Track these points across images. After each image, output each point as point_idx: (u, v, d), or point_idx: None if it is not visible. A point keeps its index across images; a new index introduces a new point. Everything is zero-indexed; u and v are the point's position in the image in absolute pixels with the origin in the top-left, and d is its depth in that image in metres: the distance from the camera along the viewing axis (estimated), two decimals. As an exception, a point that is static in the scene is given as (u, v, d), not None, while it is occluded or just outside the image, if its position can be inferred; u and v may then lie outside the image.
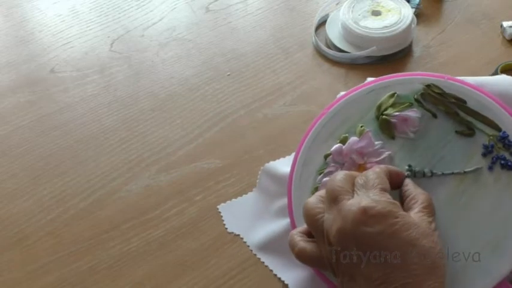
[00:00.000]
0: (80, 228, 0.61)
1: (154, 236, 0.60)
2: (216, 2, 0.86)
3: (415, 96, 0.55)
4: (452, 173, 0.53)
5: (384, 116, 0.55)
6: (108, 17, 0.85)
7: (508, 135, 0.53)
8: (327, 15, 0.82)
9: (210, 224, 0.61)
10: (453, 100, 0.55)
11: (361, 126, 0.56)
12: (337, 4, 0.83)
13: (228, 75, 0.76)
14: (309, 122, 0.68)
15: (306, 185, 0.56)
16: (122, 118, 0.71)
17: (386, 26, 0.76)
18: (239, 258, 0.58)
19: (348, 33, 0.77)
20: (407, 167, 0.53)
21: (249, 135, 0.69)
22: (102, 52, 0.80)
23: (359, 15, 0.78)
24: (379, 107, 0.56)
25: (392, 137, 0.55)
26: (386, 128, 0.55)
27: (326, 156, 0.56)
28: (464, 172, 0.53)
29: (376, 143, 0.55)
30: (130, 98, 0.74)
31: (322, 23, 0.82)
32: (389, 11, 0.78)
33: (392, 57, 0.76)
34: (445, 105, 0.55)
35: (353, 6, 0.79)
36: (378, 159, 0.54)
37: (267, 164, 0.63)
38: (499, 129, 0.53)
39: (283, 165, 0.62)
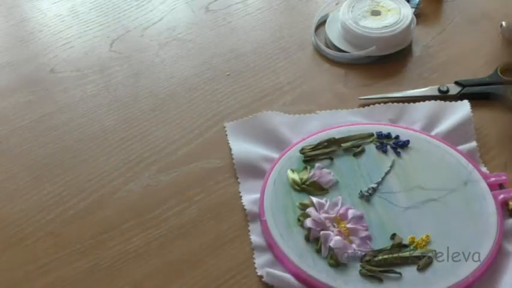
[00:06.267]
0: (80, 228, 0.61)
1: (154, 236, 0.61)
2: (216, 2, 0.86)
3: (303, 160, 0.64)
4: (383, 178, 0.63)
5: (307, 183, 0.62)
6: (108, 17, 0.85)
7: (381, 132, 0.66)
8: (326, 15, 0.82)
9: (210, 224, 0.61)
10: (326, 143, 0.65)
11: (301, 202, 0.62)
12: (336, 4, 0.83)
13: (228, 75, 0.76)
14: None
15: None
16: (121, 118, 0.71)
17: (386, 26, 0.76)
18: (239, 258, 0.59)
19: (348, 33, 0.77)
20: (359, 192, 0.62)
21: (249, 135, 0.69)
22: (102, 52, 0.80)
23: (359, 15, 0.78)
24: (294, 182, 0.63)
25: (326, 190, 0.62)
26: (317, 188, 0.62)
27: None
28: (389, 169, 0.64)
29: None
30: (130, 98, 0.74)
31: (321, 23, 0.82)
32: (389, 10, 0.78)
33: (392, 57, 0.76)
34: (329, 148, 0.65)
35: (353, 6, 0.79)
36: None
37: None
38: (372, 135, 0.66)
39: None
